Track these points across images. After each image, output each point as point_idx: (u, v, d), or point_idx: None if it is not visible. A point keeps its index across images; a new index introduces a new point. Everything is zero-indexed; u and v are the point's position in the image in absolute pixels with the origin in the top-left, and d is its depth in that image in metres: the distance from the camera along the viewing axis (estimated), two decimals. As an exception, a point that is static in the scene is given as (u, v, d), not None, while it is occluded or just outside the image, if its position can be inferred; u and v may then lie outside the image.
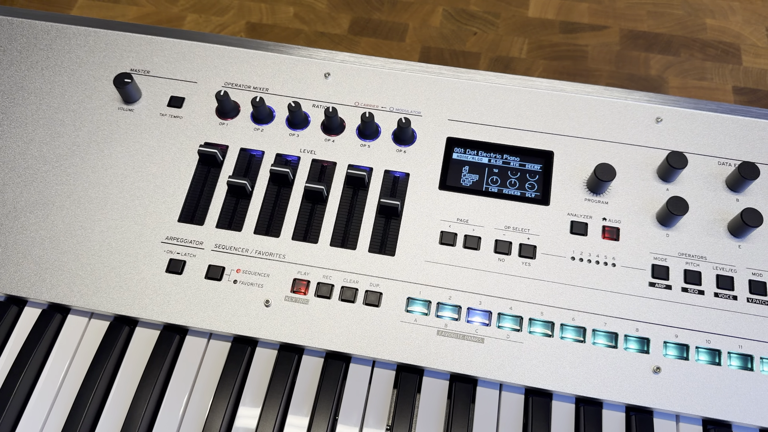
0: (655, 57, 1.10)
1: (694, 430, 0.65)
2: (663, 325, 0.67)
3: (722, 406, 0.64)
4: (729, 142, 0.76)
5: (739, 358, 0.66)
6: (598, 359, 0.66)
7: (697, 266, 0.70)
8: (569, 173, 0.75)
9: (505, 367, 0.66)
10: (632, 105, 0.78)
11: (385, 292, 0.69)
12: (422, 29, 1.13)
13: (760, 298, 0.68)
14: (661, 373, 0.66)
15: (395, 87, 0.80)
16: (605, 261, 0.70)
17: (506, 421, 0.66)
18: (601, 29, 1.13)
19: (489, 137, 0.77)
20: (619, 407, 0.66)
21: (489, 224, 0.73)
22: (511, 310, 0.68)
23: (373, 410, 0.66)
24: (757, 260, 0.70)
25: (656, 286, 0.69)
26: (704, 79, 1.08)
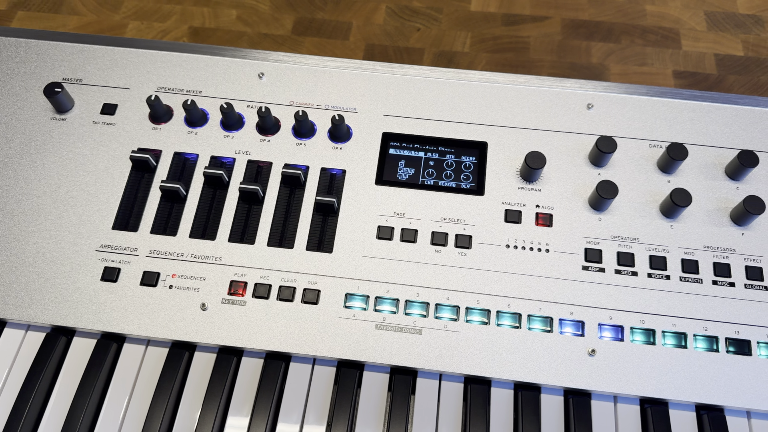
0: (596, 45, 1.12)
1: (631, 410, 0.66)
2: (597, 308, 0.68)
3: (658, 384, 0.65)
4: (660, 124, 0.77)
5: (674, 336, 0.67)
6: (534, 344, 0.67)
7: (630, 248, 0.71)
8: (503, 163, 0.76)
9: (443, 357, 0.67)
10: (564, 93, 0.79)
11: (323, 289, 0.69)
12: (366, 27, 1.13)
13: (692, 277, 0.70)
14: (597, 355, 0.66)
15: (330, 85, 0.80)
16: (539, 247, 0.71)
17: (446, 411, 0.66)
18: (542, 20, 1.14)
19: (424, 131, 0.78)
20: (558, 391, 0.67)
21: (425, 217, 0.73)
22: (448, 300, 0.69)
23: (314, 408, 0.66)
24: (689, 239, 0.71)
25: (589, 269, 0.70)
26: (645, 64, 1.10)
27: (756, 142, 0.76)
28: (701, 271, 0.70)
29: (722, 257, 0.70)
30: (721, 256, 0.70)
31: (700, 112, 0.78)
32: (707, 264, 0.70)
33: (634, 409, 0.66)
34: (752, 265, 0.70)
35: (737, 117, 0.78)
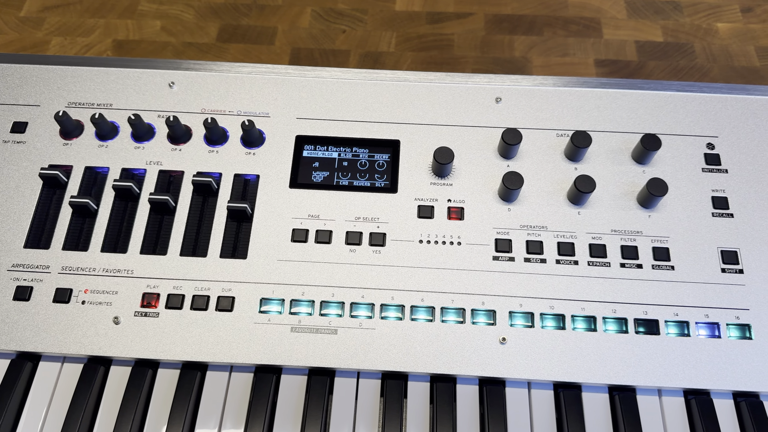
0: (519, 39, 1.13)
1: (545, 395, 0.67)
2: (508, 296, 0.70)
3: (569, 368, 0.67)
4: (567, 114, 0.79)
5: (583, 320, 0.69)
6: (448, 336, 0.68)
7: (539, 236, 0.72)
8: (416, 160, 0.77)
9: (359, 355, 0.67)
10: (473, 88, 0.81)
11: (237, 295, 0.69)
12: (291, 31, 1.13)
13: (600, 261, 0.71)
14: (508, 343, 0.68)
15: (242, 90, 0.80)
16: (451, 241, 0.72)
17: (364, 408, 0.67)
18: (466, 16, 1.16)
19: (338, 132, 0.78)
20: (473, 381, 0.68)
21: (340, 217, 0.73)
22: (363, 298, 0.69)
23: (231, 415, 0.66)
24: (597, 224, 0.73)
25: (500, 259, 0.71)
26: (567, 55, 1.12)
27: (661, 126, 0.78)
28: (609, 255, 0.71)
29: (629, 240, 0.72)
30: (628, 239, 0.72)
31: (606, 99, 0.80)
32: (615, 247, 0.72)
33: (548, 394, 0.68)
34: (659, 246, 0.72)
35: (643, 102, 0.80)
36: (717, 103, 0.80)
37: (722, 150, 0.77)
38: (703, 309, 0.69)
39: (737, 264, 0.71)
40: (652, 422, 0.66)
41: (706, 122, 0.79)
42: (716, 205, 0.74)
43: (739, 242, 0.72)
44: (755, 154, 0.77)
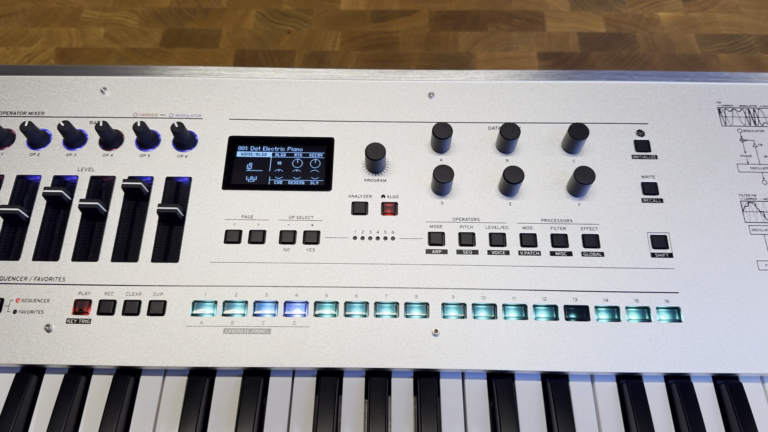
0: (463, 34, 1.14)
1: (478, 384, 0.68)
2: (441, 288, 0.70)
3: (502, 357, 0.67)
4: (498, 107, 0.80)
5: (515, 308, 0.69)
6: (381, 331, 0.68)
7: (471, 228, 0.73)
8: (350, 157, 0.77)
9: (293, 353, 0.67)
10: (406, 84, 0.81)
11: (169, 299, 0.69)
12: (236, 33, 1.13)
13: (531, 250, 0.72)
14: (440, 335, 0.68)
15: (174, 93, 0.80)
16: (385, 236, 0.73)
17: (299, 407, 0.67)
18: (411, 14, 1.16)
19: (271, 132, 0.78)
20: (407, 374, 0.69)
21: (274, 217, 0.74)
22: (297, 296, 0.70)
23: (165, 419, 0.66)
24: (527, 214, 0.74)
25: (433, 252, 0.72)
26: (510, 49, 1.13)
27: (591, 115, 0.79)
28: (539, 244, 0.72)
29: (559, 228, 0.73)
30: (558, 227, 0.73)
31: (537, 91, 0.81)
32: (545, 236, 0.73)
33: (482, 383, 0.68)
34: (588, 233, 0.73)
35: (573, 92, 0.81)
36: (647, 91, 0.81)
37: (652, 136, 0.78)
38: (633, 294, 0.70)
39: (667, 248, 0.72)
40: (585, 408, 0.67)
41: (636, 110, 0.80)
42: (646, 190, 0.75)
43: (669, 227, 0.73)
44: (685, 139, 0.78)
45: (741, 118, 0.79)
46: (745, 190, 0.75)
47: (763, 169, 0.76)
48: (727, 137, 0.78)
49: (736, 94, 0.81)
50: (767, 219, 0.73)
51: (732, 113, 0.80)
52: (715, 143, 0.78)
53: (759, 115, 0.79)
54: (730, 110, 0.80)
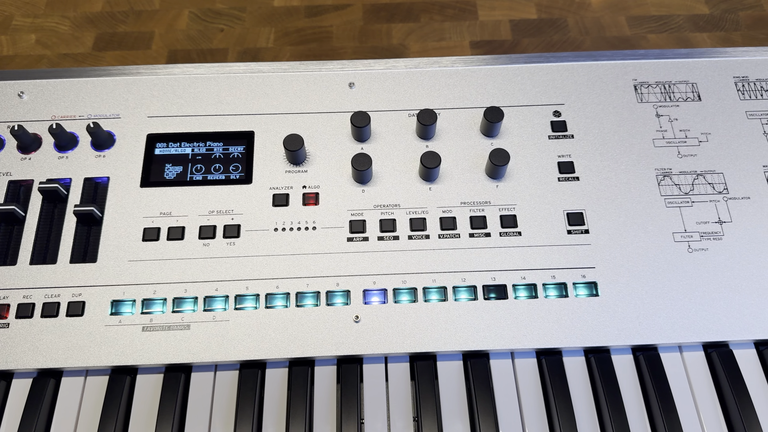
0: (396, 26, 1.15)
1: (401, 368, 0.68)
2: (362, 275, 0.70)
3: (423, 339, 0.68)
4: (418, 94, 0.80)
5: (435, 291, 0.70)
6: (303, 320, 0.68)
7: (392, 214, 0.73)
8: (270, 149, 0.77)
9: (213, 348, 0.67)
10: (326, 75, 0.81)
11: (88, 300, 0.69)
12: (168, 34, 1.13)
13: (450, 233, 0.72)
14: (362, 321, 0.68)
15: (93, 94, 0.79)
16: (306, 226, 0.73)
17: (220, 400, 0.67)
18: (344, 8, 1.17)
19: (191, 127, 0.78)
20: (331, 361, 0.69)
21: (193, 213, 0.73)
22: (217, 291, 0.69)
23: (85, 419, 0.65)
24: (447, 198, 0.74)
25: (354, 240, 0.72)
26: (443, 39, 1.14)
27: (509, 98, 0.80)
28: (459, 227, 0.73)
29: (478, 210, 0.74)
30: (477, 209, 0.74)
31: (456, 77, 0.81)
32: (464, 219, 0.73)
33: (404, 366, 0.69)
34: (506, 213, 0.73)
35: (491, 77, 0.81)
36: (564, 72, 0.82)
37: (568, 116, 0.79)
38: (550, 270, 0.71)
39: (583, 225, 0.73)
40: (505, 385, 0.68)
41: (553, 91, 0.81)
42: (562, 170, 0.76)
43: (585, 204, 0.74)
44: (601, 117, 0.79)
45: (657, 94, 0.81)
46: (661, 164, 0.76)
47: (679, 143, 0.78)
48: (643, 113, 0.79)
49: (651, 70, 0.82)
50: (683, 192, 0.75)
51: (648, 90, 0.81)
52: (631, 120, 0.79)
53: (674, 91, 0.81)
54: (646, 87, 0.81)
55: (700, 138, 0.78)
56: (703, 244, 0.72)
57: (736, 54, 0.84)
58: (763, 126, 0.79)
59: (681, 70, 0.82)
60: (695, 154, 0.77)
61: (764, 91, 0.81)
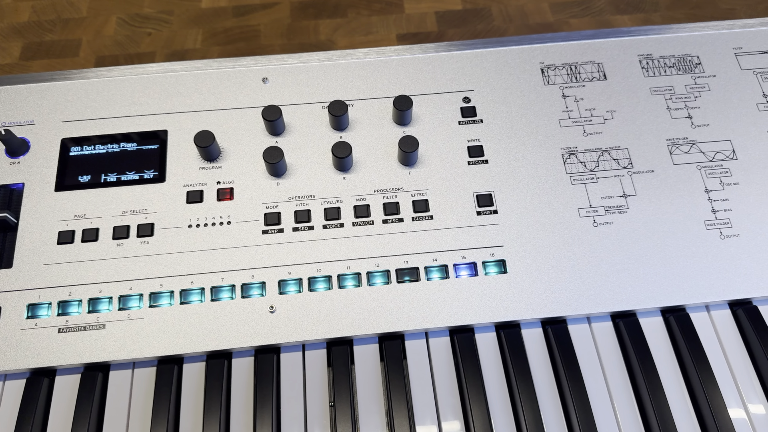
0: (324, 22, 1.16)
1: (318, 354, 0.70)
2: (277, 266, 0.71)
3: (340, 324, 0.69)
4: (331, 87, 0.82)
5: (350, 277, 0.71)
6: (218, 313, 0.69)
7: (306, 205, 0.75)
8: (184, 147, 0.78)
9: (128, 346, 0.68)
10: (239, 71, 0.82)
11: (4, 305, 0.69)
12: (96, 41, 1.13)
13: (364, 220, 0.74)
14: (277, 311, 0.69)
15: (6, 102, 0.79)
16: (221, 221, 0.74)
17: (138, 398, 0.67)
18: (272, 6, 1.18)
19: (106, 130, 0.79)
20: (248, 352, 0.70)
21: (107, 214, 0.74)
22: (132, 290, 0.70)
23: (3, 422, 0.66)
24: (361, 187, 0.76)
25: (269, 232, 0.73)
26: (371, 33, 1.15)
27: (420, 87, 0.82)
28: (372, 214, 0.74)
29: (391, 197, 0.75)
30: (390, 196, 0.75)
31: (369, 69, 0.83)
32: (378, 206, 0.75)
33: (321, 353, 0.70)
34: (418, 198, 0.75)
35: (402, 67, 0.83)
36: (474, 59, 0.84)
37: (477, 102, 0.81)
38: (460, 251, 0.72)
39: (492, 206, 0.75)
40: (419, 362, 0.69)
41: (463, 78, 0.83)
42: (472, 154, 0.78)
43: (494, 185, 0.76)
44: (509, 101, 0.81)
45: (563, 75, 0.83)
46: (567, 143, 0.79)
47: (584, 122, 0.80)
48: (549, 95, 0.82)
49: (558, 53, 0.84)
50: (588, 169, 0.77)
51: (554, 72, 0.83)
52: (538, 102, 0.81)
53: (580, 71, 0.83)
54: (552, 69, 0.83)
55: (605, 116, 0.80)
56: (608, 218, 0.74)
57: (640, 33, 0.86)
58: (666, 101, 0.81)
59: (587, 51, 0.85)
60: (600, 131, 0.79)
61: (668, 67, 0.84)
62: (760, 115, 0.81)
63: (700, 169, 0.77)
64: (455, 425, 0.66)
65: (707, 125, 0.80)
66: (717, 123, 0.80)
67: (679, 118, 0.80)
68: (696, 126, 0.80)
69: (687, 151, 0.78)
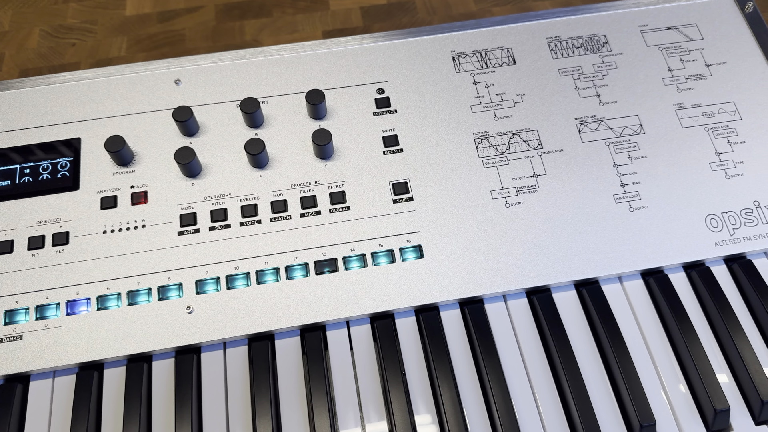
0: (249, 23, 1.16)
1: (239, 351, 0.70)
2: (194, 267, 0.72)
3: (261, 320, 0.69)
4: (245, 85, 0.82)
5: (269, 273, 0.72)
6: (136, 317, 0.69)
7: (222, 204, 0.75)
8: (98, 154, 0.77)
9: (46, 355, 0.67)
10: (152, 74, 0.82)
11: None
12: (19, 54, 1.11)
13: (282, 215, 0.74)
14: (194, 311, 0.70)
15: None
16: (136, 225, 0.73)
17: (59, 405, 0.67)
18: (196, 9, 1.18)
19: (18, 141, 0.78)
20: (168, 354, 0.70)
21: (21, 225, 0.73)
22: (48, 299, 0.70)
23: None
24: (278, 183, 0.76)
25: (185, 233, 0.73)
26: (296, 31, 1.16)
27: (334, 80, 0.83)
28: (290, 208, 0.75)
29: (308, 191, 0.76)
30: (307, 190, 0.76)
31: (282, 65, 0.83)
32: (295, 200, 0.75)
33: (242, 350, 0.70)
34: (335, 190, 0.76)
35: (317, 63, 0.84)
36: (386, 51, 0.85)
37: (392, 93, 0.82)
38: (378, 239, 0.73)
39: (407, 193, 0.76)
40: (341, 352, 0.70)
41: (377, 69, 0.84)
42: (387, 143, 0.79)
43: (409, 173, 0.77)
44: (422, 90, 0.82)
45: (474, 62, 0.85)
46: (479, 128, 0.80)
47: (495, 106, 0.82)
48: (461, 82, 0.83)
49: (468, 41, 0.86)
50: (499, 152, 0.79)
51: (465, 59, 0.85)
52: (450, 90, 0.82)
53: (490, 57, 0.85)
54: (463, 57, 0.85)
55: (515, 99, 0.82)
56: (519, 198, 0.76)
57: (549, 16, 0.88)
58: (574, 81, 0.83)
59: (497, 37, 0.86)
60: (511, 115, 0.81)
61: (575, 48, 0.86)
62: (665, 89, 0.83)
63: (609, 145, 0.79)
64: (378, 413, 0.67)
65: (615, 102, 0.82)
66: (624, 99, 0.82)
67: (587, 96, 0.82)
68: (604, 103, 0.82)
69: (595, 128, 0.80)
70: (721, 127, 0.81)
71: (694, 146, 0.79)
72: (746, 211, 0.76)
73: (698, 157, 0.79)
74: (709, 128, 0.81)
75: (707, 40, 0.87)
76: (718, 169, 0.78)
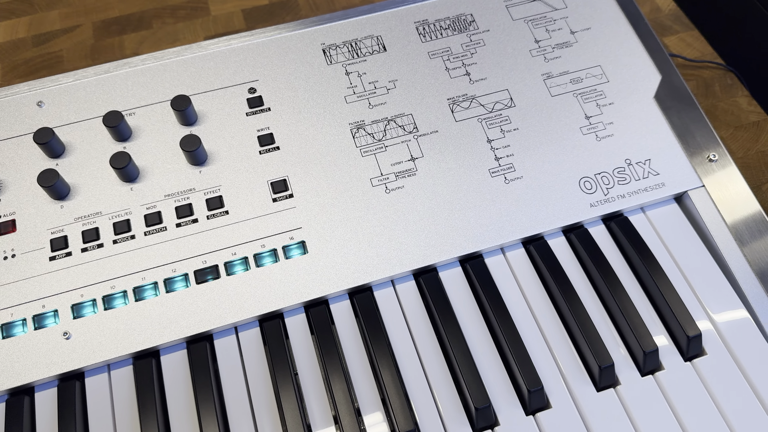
0: (129, 37, 1.13)
1: (124, 372, 0.68)
2: (69, 291, 0.69)
3: (140, 338, 0.68)
4: (109, 99, 0.80)
5: (148, 288, 0.70)
6: (12, 350, 0.66)
7: (94, 223, 0.72)
8: (-42, 187, 0.74)
9: None
10: (13, 99, 0.79)
11: None
12: None
13: (156, 227, 0.73)
14: (73, 336, 0.67)
15: None
16: (5, 255, 0.71)
17: (-67, 454, 0.64)
18: (73, 29, 1.14)
19: None
20: (51, 383, 0.67)
21: None
22: None
23: None
24: (150, 195, 0.74)
25: (57, 258, 0.71)
26: (177, 41, 1.13)
27: (202, 85, 0.81)
28: (165, 220, 0.73)
29: (183, 199, 0.74)
30: (181, 199, 0.74)
31: (147, 75, 0.81)
32: (170, 211, 0.74)
33: (127, 371, 0.68)
34: (212, 196, 0.75)
35: (183, 69, 0.82)
36: (255, 49, 0.84)
37: (263, 91, 0.81)
38: (259, 240, 0.72)
39: (287, 190, 0.75)
40: (230, 360, 0.69)
41: (246, 69, 0.83)
42: (262, 143, 0.78)
43: (287, 170, 0.76)
44: (294, 86, 0.82)
45: (345, 53, 0.84)
46: (354, 118, 0.80)
47: (369, 95, 0.82)
48: (333, 74, 0.83)
49: (337, 32, 0.86)
50: (376, 139, 0.79)
51: (336, 51, 0.84)
52: (323, 83, 0.82)
53: (361, 47, 0.85)
54: (334, 48, 0.85)
55: (388, 86, 0.82)
56: (398, 182, 0.76)
57: (415, 0, 0.89)
58: (444, 62, 0.84)
59: (366, 26, 0.86)
60: (385, 102, 0.81)
61: (443, 29, 0.87)
62: (533, 60, 0.85)
63: (481, 121, 0.80)
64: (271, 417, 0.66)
65: (485, 79, 0.83)
66: (494, 75, 0.84)
67: (457, 76, 0.83)
68: (474, 81, 0.83)
69: (467, 107, 0.81)
70: (590, 91, 0.83)
71: (564, 113, 0.81)
72: (619, 169, 0.79)
73: (569, 123, 0.81)
74: (578, 93, 0.83)
75: (571, 8, 0.89)
76: (589, 133, 0.80)
